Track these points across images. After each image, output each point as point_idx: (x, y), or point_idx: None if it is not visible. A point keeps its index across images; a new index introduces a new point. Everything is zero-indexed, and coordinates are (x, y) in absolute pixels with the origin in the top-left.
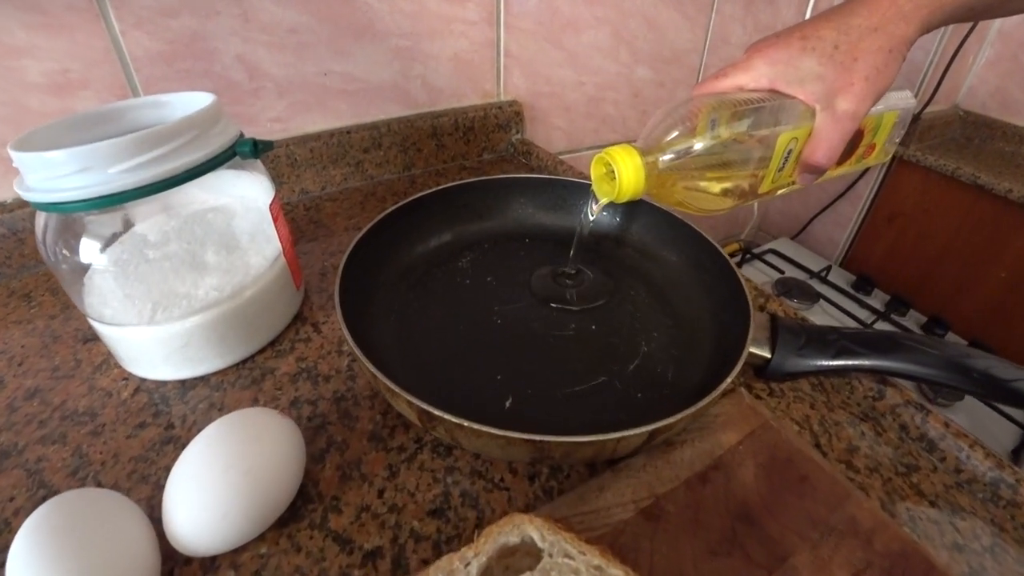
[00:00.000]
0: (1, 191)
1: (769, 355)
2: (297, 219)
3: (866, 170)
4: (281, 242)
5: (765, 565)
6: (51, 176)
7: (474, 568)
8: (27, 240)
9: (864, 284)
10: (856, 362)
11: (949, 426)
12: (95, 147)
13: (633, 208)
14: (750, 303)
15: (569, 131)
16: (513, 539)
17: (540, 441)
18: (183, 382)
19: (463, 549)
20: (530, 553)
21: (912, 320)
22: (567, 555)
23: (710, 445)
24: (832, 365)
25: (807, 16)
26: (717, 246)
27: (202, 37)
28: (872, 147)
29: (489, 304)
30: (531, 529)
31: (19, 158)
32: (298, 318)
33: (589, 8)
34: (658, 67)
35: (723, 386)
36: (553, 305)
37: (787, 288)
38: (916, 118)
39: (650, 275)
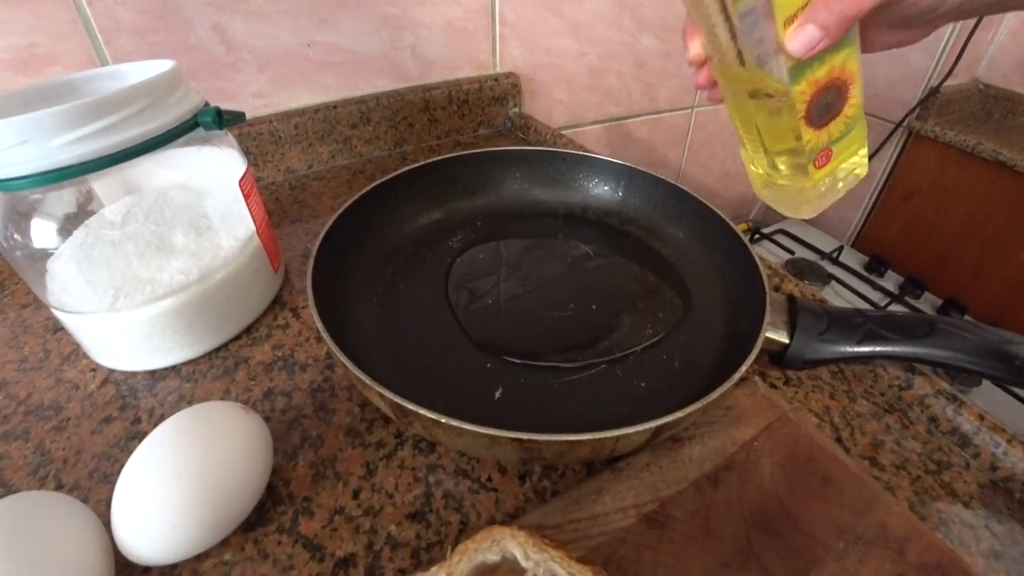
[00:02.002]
0: None
1: (788, 340)
2: (281, 199)
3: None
4: (254, 221)
5: None
6: None
7: None
8: None
9: (877, 265)
10: (886, 348)
11: (984, 418)
12: (34, 116)
13: (638, 182)
14: (766, 283)
15: (570, 104)
16: (492, 557)
17: (529, 440)
18: (152, 372)
19: (434, 569)
20: (513, 572)
21: (927, 303)
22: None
23: (721, 442)
24: (859, 352)
25: None
26: (728, 221)
27: (175, 7)
28: (828, 155)
29: (480, 286)
30: (513, 545)
31: None
32: (276, 303)
33: None
34: (664, 36)
35: (737, 375)
36: (547, 289)
37: (798, 269)
38: (936, 90)
39: (656, 253)
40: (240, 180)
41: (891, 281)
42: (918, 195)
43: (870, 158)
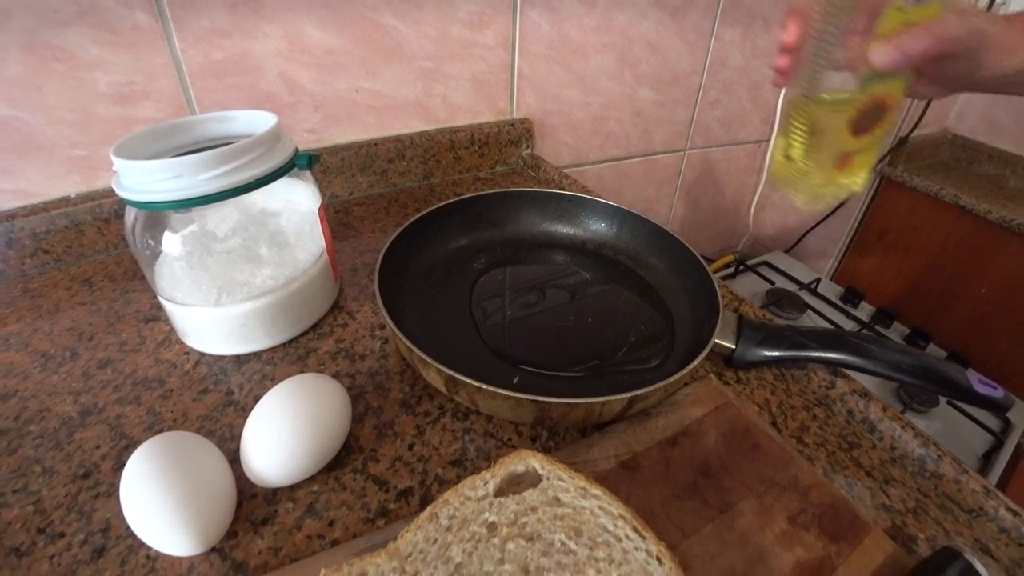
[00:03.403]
0: (66, 187)
1: (734, 346)
2: (328, 221)
3: (842, 204)
4: (325, 241)
5: (717, 507)
6: (147, 180)
7: (491, 486)
8: (86, 231)
9: (852, 296)
10: (805, 353)
11: (887, 410)
12: (186, 159)
13: (628, 221)
14: (720, 303)
15: (575, 146)
16: (520, 468)
17: (543, 402)
18: (238, 357)
19: (483, 472)
20: (532, 479)
21: (896, 332)
22: (560, 479)
23: (680, 417)
24: (785, 355)
25: None
26: (697, 255)
27: (251, 56)
28: (848, 161)
29: (500, 300)
30: (534, 461)
31: (120, 164)
32: (335, 307)
33: (596, 35)
34: (659, 88)
35: (693, 364)
36: (552, 306)
37: (777, 298)
38: (904, 140)
39: (641, 278)
40: (318, 208)
41: (864, 312)
42: (890, 233)
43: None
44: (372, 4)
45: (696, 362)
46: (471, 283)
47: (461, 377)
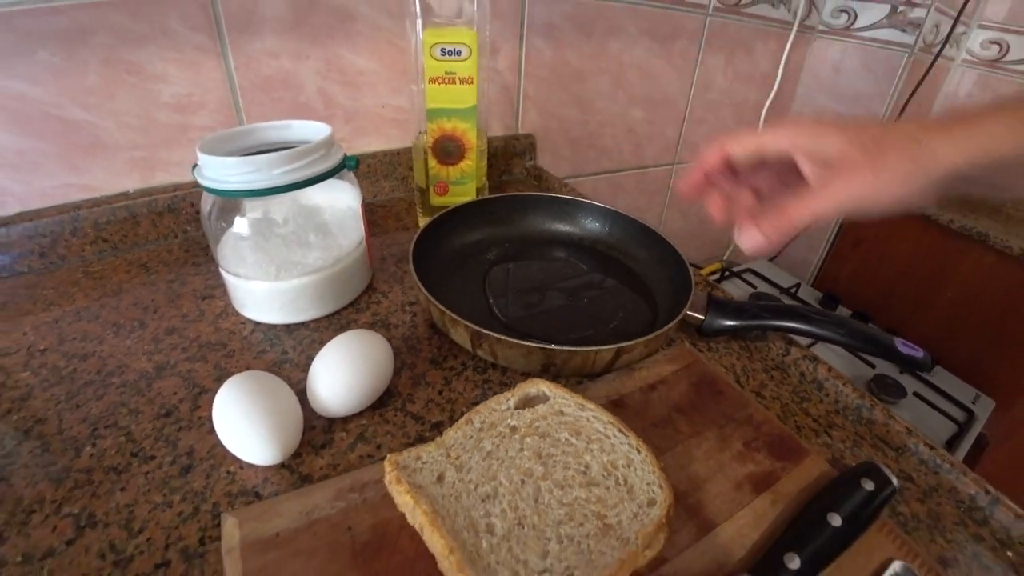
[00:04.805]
0: (125, 183)
1: (703, 316)
2: None
3: None
4: (364, 231)
5: (687, 433)
6: (228, 173)
7: (511, 402)
8: (141, 223)
9: (830, 300)
10: (761, 322)
11: (831, 371)
12: (261, 157)
13: (620, 221)
14: (692, 282)
15: (573, 160)
16: (533, 391)
17: (549, 349)
18: (288, 326)
19: (505, 393)
20: (542, 399)
21: None
22: (563, 398)
23: (659, 370)
24: (745, 324)
25: (781, 67)
26: (675, 247)
27: (293, 75)
28: None
29: (509, 285)
30: (543, 387)
31: (206, 160)
32: (369, 288)
33: (593, 61)
34: (649, 108)
35: (670, 325)
36: (554, 291)
37: (758, 300)
38: None
39: (629, 268)
40: (360, 204)
41: (841, 315)
42: (865, 242)
43: None
44: (399, 32)
45: (672, 323)
46: (484, 270)
47: (484, 331)
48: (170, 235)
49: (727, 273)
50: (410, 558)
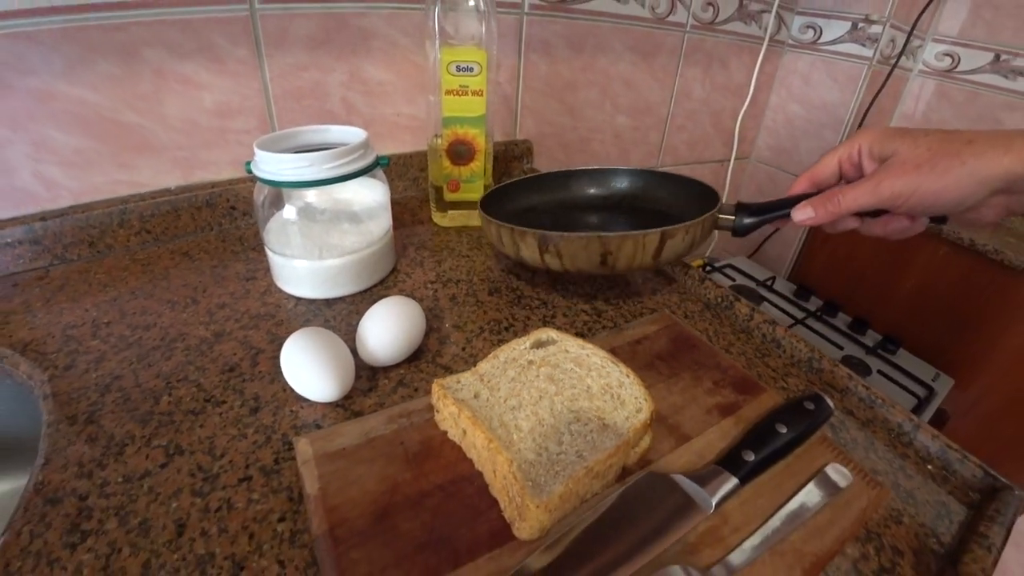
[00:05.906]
0: (168, 180)
1: (734, 217)
2: None
3: None
4: (392, 220)
5: (666, 375)
6: (283, 168)
7: (527, 344)
8: (182, 216)
9: (803, 292)
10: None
11: (787, 331)
12: (312, 154)
13: (644, 176)
14: (718, 193)
15: (566, 163)
16: (543, 336)
17: (605, 236)
18: (327, 300)
19: (521, 337)
20: (550, 342)
21: (840, 320)
22: (568, 341)
23: (643, 330)
24: (769, 216)
25: (754, 78)
26: (690, 177)
27: (321, 85)
28: None
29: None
30: (552, 333)
31: (264, 155)
32: (395, 270)
33: (583, 74)
34: (634, 116)
35: (706, 215)
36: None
37: (737, 292)
38: None
39: (658, 211)
40: (388, 197)
41: (813, 304)
42: (834, 238)
43: None
44: (414, 49)
45: (709, 214)
46: (539, 223)
47: (550, 233)
48: (207, 228)
49: (709, 268)
50: (452, 461)
